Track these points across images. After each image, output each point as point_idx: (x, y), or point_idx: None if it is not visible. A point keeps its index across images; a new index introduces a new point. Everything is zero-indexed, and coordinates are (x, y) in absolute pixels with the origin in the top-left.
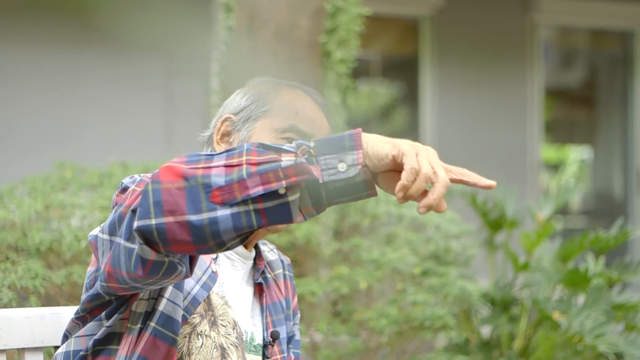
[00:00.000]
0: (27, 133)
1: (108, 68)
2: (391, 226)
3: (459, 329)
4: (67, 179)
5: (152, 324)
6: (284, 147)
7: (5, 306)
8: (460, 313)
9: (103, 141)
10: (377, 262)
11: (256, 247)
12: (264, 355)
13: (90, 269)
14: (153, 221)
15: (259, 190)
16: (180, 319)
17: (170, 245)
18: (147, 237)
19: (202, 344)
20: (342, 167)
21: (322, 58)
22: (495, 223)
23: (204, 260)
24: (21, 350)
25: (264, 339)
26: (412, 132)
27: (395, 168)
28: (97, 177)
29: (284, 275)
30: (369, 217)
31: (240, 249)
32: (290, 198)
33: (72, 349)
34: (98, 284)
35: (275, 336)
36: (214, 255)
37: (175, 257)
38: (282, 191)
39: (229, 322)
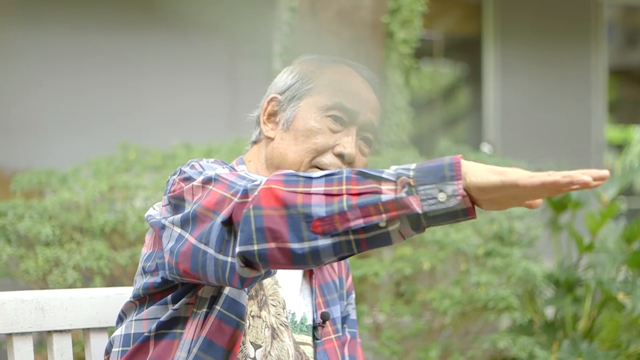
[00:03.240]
0: (91, 114)
1: (172, 49)
2: None
3: (523, 309)
4: (131, 160)
5: (218, 307)
6: (384, 175)
7: (70, 286)
8: (524, 294)
9: (166, 122)
10: (440, 242)
11: None
12: (314, 337)
13: (146, 251)
14: (255, 247)
15: (359, 223)
16: (245, 302)
17: (270, 265)
18: (247, 259)
19: (250, 325)
20: (442, 197)
21: (384, 38)
22: (560, 203)
23: None
24: (86, 330)
25: (314, 319)
26: (475, 112)
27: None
28: (161, 158)
29: None
30: None
31: None
32: (391, 228)
33: (132, 332)
34: (164, 273)
35: (325, 317)
36: None
37: None
38: (382, 224)
39: (279, 301)
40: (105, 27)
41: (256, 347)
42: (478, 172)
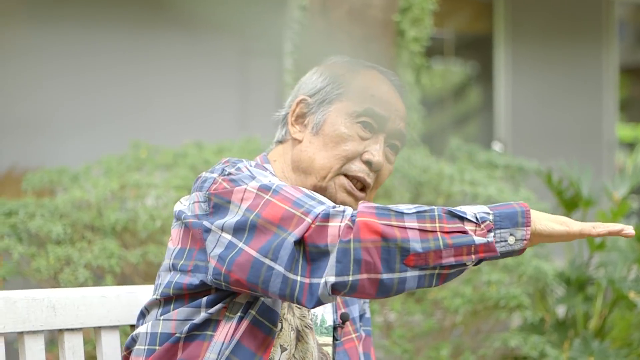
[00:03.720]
0: (101, 112)
1: (182, 48)
2: (466, 205)
3: (534, 308)
4: (142, 159)
5: (253, 312)
6: (467, 216)
7: (82, 285)
8: (535, 292)
9: (177, 120)
10: None
11: None
12: (334, 337)
13: (174, 246)
14: (350, 278)
15: (450, 261)
16: (279, 310)
17: (356, 294)
18: (337, 288)
19: (282, 327)
20: (511, 240)
21: (395, 37)
22: (571, 202)
23: None
24: (97, 329)
25: (334, 320)
26: (486, 110)
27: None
28: (172, 157)
29: None
30: (444, 196)
31: None
32: (470, 264)
33: (159, 331)
34: (205, 277)
35: (344, 318)
36: None
37: None
38: (469, 263)
39: None
40: (116, 26)
41: (282, 349)
42: (543, 220)
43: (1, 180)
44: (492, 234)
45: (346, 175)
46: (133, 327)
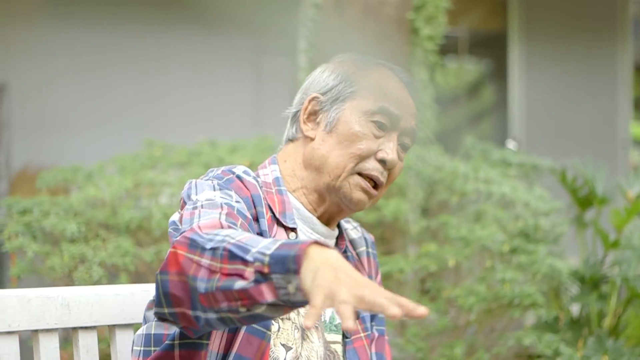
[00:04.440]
0: (116, 110)
1: (196, 46)
2: (480, 203)
3: (548, 306)
4: (156, 157)
5: None
6: (247, 257)
7: (96, 283)
8: (550, 291)
9: (191, 118)
10: (465, 239)
11: (339, 225)
12: (344, 335)
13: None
14: (166, 310)
15: (224, 306)
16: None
17: (182, 326)
18: (164, 319)
19: (279, 327)
20: (291, 288)
21: (409, 35)
22: (585, 200)
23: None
24: (112, 327)
25: None
26: (500, 109)
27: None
28: (186, 155)
29: (367, 252)
30: (458, 194)
31: (322, 228)
32: (258, 311)
33: (152, 332)
34: None
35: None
36: (293, 237)
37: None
38: (242, 309)
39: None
40: (130, 24)
41: (287, 349)
42: (309, 269)
43: (16, 179)
44: (255, 278)
45: (360, 174)
46: None
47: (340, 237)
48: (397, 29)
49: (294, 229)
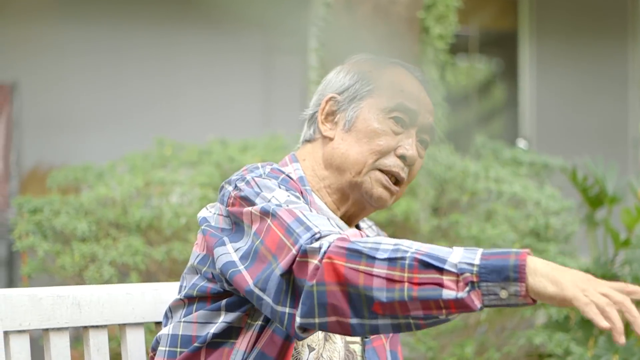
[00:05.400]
0: (126, 109)
1: (207, 45)
2: (490, 202)
3: None
4: (167, 156)
5: None
6: (446, 267)
7: (107, 282)
8: None
9: (201, 117)
10: (476, 238)
11: (357, 225)
12: (363, 335)
13: (199, 251)
14: (317, 320)
15: (419, 314)
16: None
17: (329, 332)
18: (307, 328)
19: None
20: (504, 294)
21: (420, 34)
22: (596, 199)
23: None
24: (122, 326)
25: None
26: (511, 107)
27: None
28: (197, 154)
29: None
30: (468, 193)
31: (341, 225)
32: (450, 317)
33: (180, 333)
34: (222, 285)
35: None
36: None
37: None
38: (442, 317)
39: None
40: (140, 23)
41: (310, 349)
42: (540, 275)
43: (26, 178)
44: (468, 289)
45: (381, 170)
46: (158, 324)
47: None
48: (408, 28)
49: None
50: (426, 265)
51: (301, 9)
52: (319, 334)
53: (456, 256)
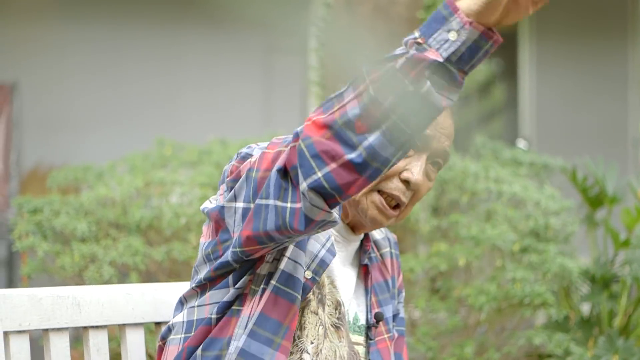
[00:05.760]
0: (126, 110)
1: (207, 45)
2: (490, 202)
3: (559, 306)
4: (167, 156)
5: (274, 282)
6: (396, 52)
7: (106, 282)
8: (560, 290)
9: (201, 117)
10: (476, 238)
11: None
12: (367, 337)
13: (205, 240)
14: (319, 174)
15: (390, 99)
16: (302, 278)
17: (344, 190)
18: (320, 192)
19: (307, 320)
20: (452, 35)
21: None
22: (596, 199)
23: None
24: (122, 326)
25: (367, 320)
26: (511, 108)
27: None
28: (197, 154)
29: (391, 253)
30: (468, 193)
31: (344, 230)
32: (424, 90)
33: (195, 318)
34: (229, 252)
35: (379, 317)
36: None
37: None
38: (410, 89)
39: (332, 302)
40: (140, 23)
41: (312, 343)
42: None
43: (26, 178)
44: (415, 48)
45: (381, 192)
46: (158, 324)
47: (365, 238)
48: (408, 28)
49: None
50: (382, 61)
51: (301, 9)
52: (319, 329)
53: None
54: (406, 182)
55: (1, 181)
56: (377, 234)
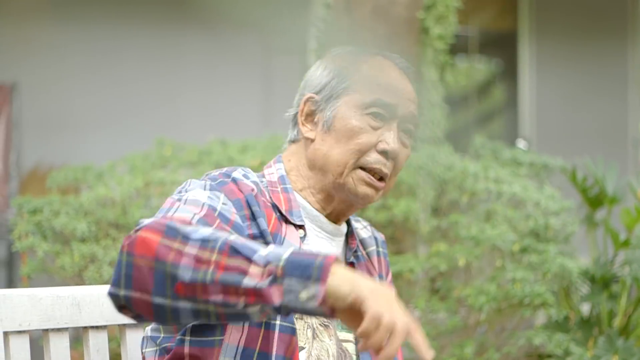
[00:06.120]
0: (126, 110)
1: (207, 45)
2: (490, 203)
3: (559, 306)
4: (167, 156)
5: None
6: (254, 257)
7: (106, 282)
8: (560, 290)
9: (201, 117)
10: (476, 238)
11: (349, 224)
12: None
13: None
14: (122, 292)
15: (218, 299)
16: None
17: (136, 312)
18: (114, 301)
19: (299, 326)
20: (303, 296)
21: (420, 34)
22: (596, 199)
23: (293, 241)
24: (122, 326)
25: None
26: (510, 108)
27: (355, 308)
28: (197, 154)
29: (378, 252)
30: (468, 193)
31: (330, 226)
32: (250, 310)
33: (162, 335)
34: None
35: None
36: (302, 234)
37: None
38: (240, 306)
39: None
40: (140, 23)
41: (300, 349)
42: (339, 278)
43: (26, 178)
44: (270, 280)
45: (363, 168)
46: None
47: (351, 236)
48: (407, 28)
49: (301, 226)
50: (236, 252)
51: (301, 9)
52: (308, 332)
53: (268, 250)
54: (384, 153)
55: (1, 181)
56: (363, 233)
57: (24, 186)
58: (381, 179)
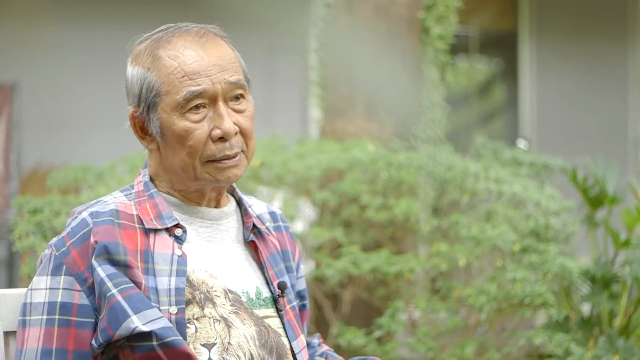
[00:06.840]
0: (126, 110)
1: None
2: (490, 203)
3: (559, 306)
4: None
5: (154, 343)
6: None
7: None
8: (560, 290)
9: None
10: (476, 238)
11: (241, 203)
12: (277, 309)
13: None
14: None
15: None
16: (170, 319)
17: None
18: None
19: (196, 328)
20: None
21: (420, 34)
22: (596, 200)
23: (164, 251)
24: None
25: (271, 292)
26: (511, 108)
27: None
28: None
29: (279, 226)
30: (468, 193)
31: (212, 212)
32: None
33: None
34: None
35: (282, 287)
36: (179, 233)
37: None
38: None
39: (220, 292)
40: (140, 23)
41: (210, 347)
42: None
43: (26, 178)
44: None
45: (212, 162)
46: None
47: (245, 215)
48: (408, 28)
49: (177, 225)
50: None
51: (301, 9)
52: (217, 326)
53: None
54: (221, 139)
55: (1, 181)
56: (258, 209)
57: (24, 186)
58: (236, 154)
